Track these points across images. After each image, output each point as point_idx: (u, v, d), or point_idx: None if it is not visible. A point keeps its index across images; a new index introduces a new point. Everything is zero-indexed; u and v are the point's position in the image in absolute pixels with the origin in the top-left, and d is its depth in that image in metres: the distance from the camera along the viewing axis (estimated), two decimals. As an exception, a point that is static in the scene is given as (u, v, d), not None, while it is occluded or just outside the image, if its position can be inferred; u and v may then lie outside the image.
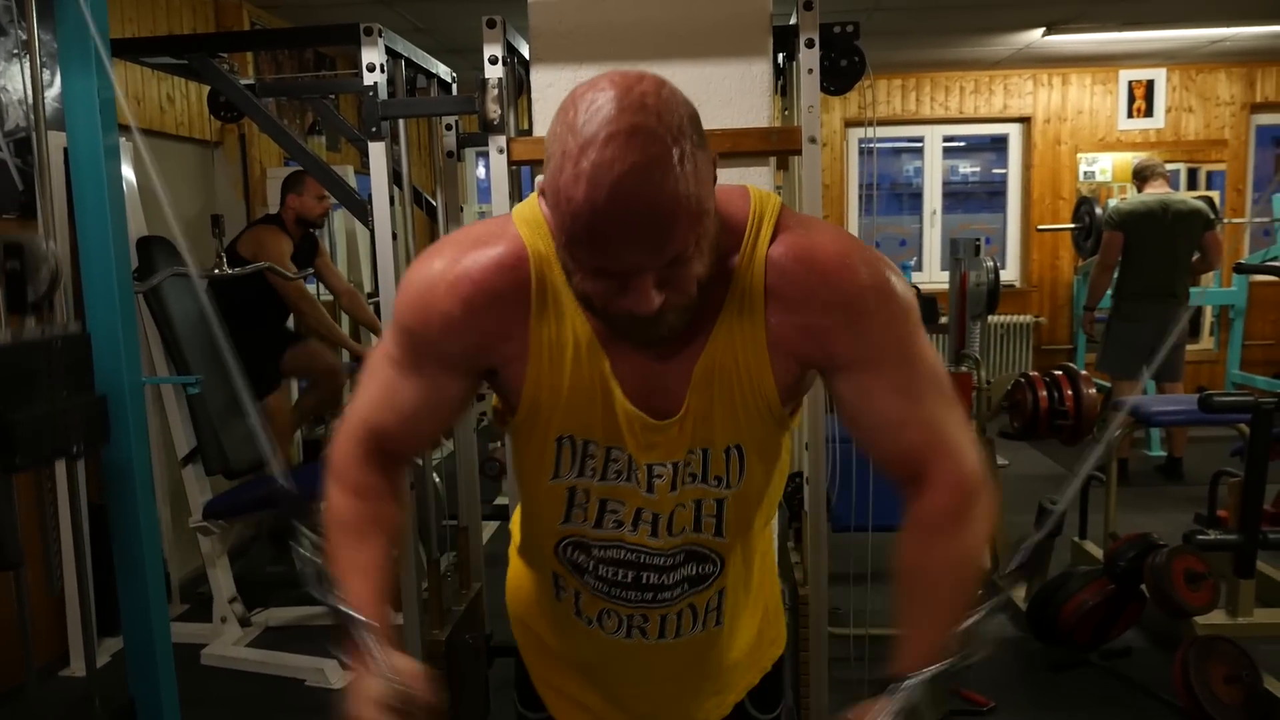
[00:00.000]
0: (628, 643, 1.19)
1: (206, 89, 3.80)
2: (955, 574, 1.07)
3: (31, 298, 2.05)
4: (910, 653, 1.04)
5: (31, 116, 2.17)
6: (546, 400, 1.07)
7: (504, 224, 1.08)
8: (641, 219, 0.88)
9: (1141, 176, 5.14)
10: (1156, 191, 5.00)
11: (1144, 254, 4.88)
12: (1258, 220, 7.07)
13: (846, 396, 1.07)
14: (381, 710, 0.96)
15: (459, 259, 1.04)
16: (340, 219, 5.39)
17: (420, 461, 2.77)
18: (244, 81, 2.86)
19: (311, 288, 4.70)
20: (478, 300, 1.03)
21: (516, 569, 1.33)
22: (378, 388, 1.13)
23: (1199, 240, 4.90)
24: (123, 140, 2.64)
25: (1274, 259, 5.95)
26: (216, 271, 3.70)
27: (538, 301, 1.04)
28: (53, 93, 2.64)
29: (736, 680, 1.30)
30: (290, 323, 4.38)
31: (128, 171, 3.39)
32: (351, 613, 1.01)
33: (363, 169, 3.76)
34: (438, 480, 3.31)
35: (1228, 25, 5.96)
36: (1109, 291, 5.07)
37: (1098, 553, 3.61)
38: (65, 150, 2.09)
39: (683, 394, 1.05)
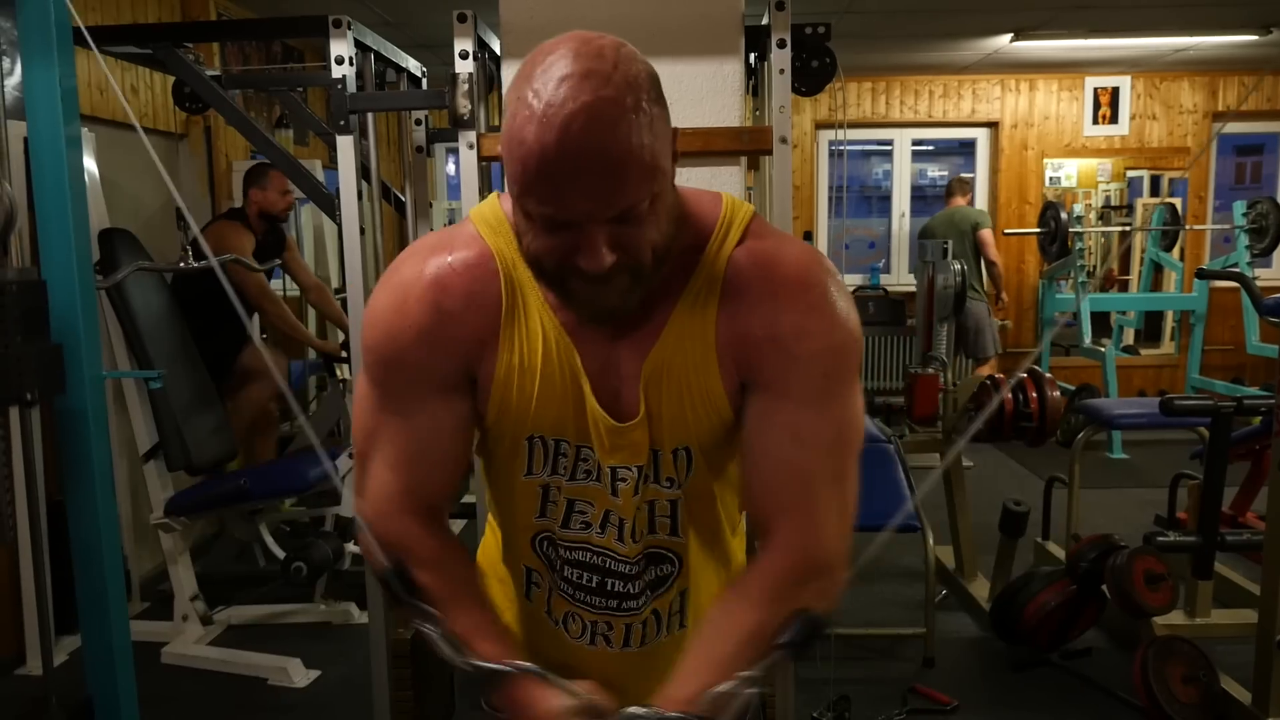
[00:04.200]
0: (592, 650, 1.17)
1: (171, 80, 3.75)
2: (751, 642, 1.00)
3: None
4: (680, 690, 1.00)
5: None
6: (517, 400, 1.04)
7: (461, 228, 1.06)
8: (591, 161, 0.86)
9: (950, 192, 6.37)
10: (958, 205, 6.24)
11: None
12: (1217, 227, 7.19)
13: (749, 415, 1.03)
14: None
15: (423, 268, 1.02)
16: (307, 214, 5.34)
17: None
18: (210, 73, 2.83)
19: (278, 282, 4.64)
20: (448, 304, 1.01)
21: (484, 569, 1.30)
22: (384, 446, 1.08)
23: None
24: (85, 130, 2.59)
25: (1233, 265, 6.06)
26: (183, 265, 3.63)
27: (507, 299, 1.02)
28: (13, 81, 2.60)
29: None
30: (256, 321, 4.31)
31: (89, 162, 3.33)
32: (504, 666, 1.01)
33: (331, 163, 3.72)
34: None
35: (1191, 35, 6.05)
36: None
37: (1060, 554, 3.66)
38: (25, 140, 2.05)
39: (638, 393, 1.03)
